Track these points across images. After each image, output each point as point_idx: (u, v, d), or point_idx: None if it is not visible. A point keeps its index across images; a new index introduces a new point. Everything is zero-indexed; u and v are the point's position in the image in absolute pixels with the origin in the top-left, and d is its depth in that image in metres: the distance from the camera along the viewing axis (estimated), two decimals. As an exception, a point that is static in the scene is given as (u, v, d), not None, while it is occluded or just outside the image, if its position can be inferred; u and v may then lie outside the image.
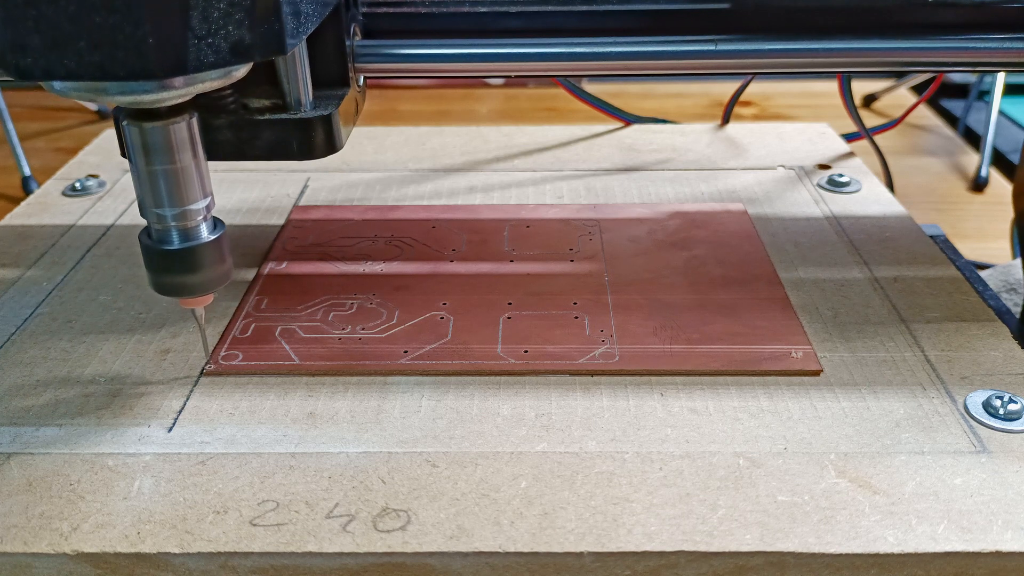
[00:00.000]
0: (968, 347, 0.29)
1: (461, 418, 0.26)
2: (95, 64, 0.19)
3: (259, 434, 0.26)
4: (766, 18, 0.30)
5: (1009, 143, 0.67)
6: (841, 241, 0.36)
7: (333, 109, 0.27)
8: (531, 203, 0.40)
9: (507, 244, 0.36)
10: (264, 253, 0.35)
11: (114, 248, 0.36)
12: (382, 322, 0.31)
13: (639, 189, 0.41)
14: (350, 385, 0.28)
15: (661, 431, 0.25)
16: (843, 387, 0.27)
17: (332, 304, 0.32)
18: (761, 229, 0.37)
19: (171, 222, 0.24)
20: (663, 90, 0.86)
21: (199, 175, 0.24)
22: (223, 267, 0.26)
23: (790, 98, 0.82)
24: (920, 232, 0.36)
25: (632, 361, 0.28)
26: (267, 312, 0.31)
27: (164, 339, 0.30)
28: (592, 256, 0.35)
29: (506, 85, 0.89)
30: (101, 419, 0.26)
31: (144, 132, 0.23)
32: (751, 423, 0.26)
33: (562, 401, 0.27)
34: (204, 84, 0.22)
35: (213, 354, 0.29)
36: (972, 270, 0.35)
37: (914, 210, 0.41)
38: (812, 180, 0.41)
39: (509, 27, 0.31)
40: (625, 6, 0.30)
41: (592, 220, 0.38)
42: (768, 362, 0.28)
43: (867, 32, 0.29)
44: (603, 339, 0.29)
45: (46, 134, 0.73)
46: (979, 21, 0.29)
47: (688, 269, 0.34)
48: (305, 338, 0.30)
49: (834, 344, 0.29)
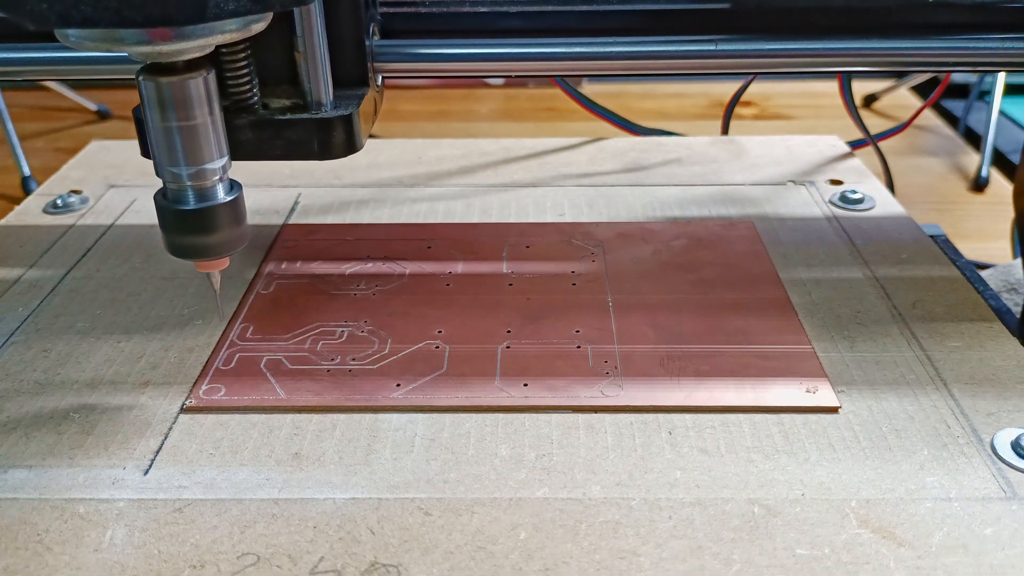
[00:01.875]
0: (995, 380, 0.27)
1: (456, 459, 0.24)
2: (112, 9, 0.19)
3: (240, 477, 0.24)
4: (766, 18, 0.30)
5: (1010, 143, 0.67)
6: (856, 264, 0.34)
7: (354, 109, 0.27)
8: (531, 220, 0.38)
9: (506, 265, 0.34)
10: (251, 275, 0.34)
11: (94, 271, 0.34)
12: (374, 352, 0.29)
13: (644, 204, 0.40)
14: (339, 422, 0.26)
15: (670, 474, 0.24)
16: (862, 425, 0.26)
17: (321, 332, 0.30)
18: (772, 249, 0.35)
19: (187, 181, 0.24)
20: (663, 90, 0.85)
21: (215, 134, 0.24)
22: (239, 229, 0.25)
23: (790, 98, 0.81)
24: (940, 254, 0.35)
25: (638, 395, 0.27)
26: (253, 341, 0.30)
27: (143, 371, 0.28)
28: (595, 279, 0.33)
29: (506, 85, 0.88)
30: (74, 459, 0.25)
31: (160, 87, 0.23)
32: (766, 465, 0.24)
33: (564, 440, 0.25)
34: (223, 35, 0.21)
35: (194, 388, 0.27)
36: (972, 270, 0.35)
37: (914, 210, 0.40)
38: (824, 196, 0.40)
39: (510, 27, 0.31)
40: (625, 6, 0.30)
41: (595, 239, 0.36)
42: (782, 398, 0.27)
43: (867, 32, 0.29)
44: (607, 370, 0.28)
45: (46, 134, 0.72)
46: (979, 21, 0.29)
47: (696, 292, 0.32)
48: (292, 370, 0.28)
49: (851, 376, 0.28)
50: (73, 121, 0.76)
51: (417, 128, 0.74)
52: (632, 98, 0.84)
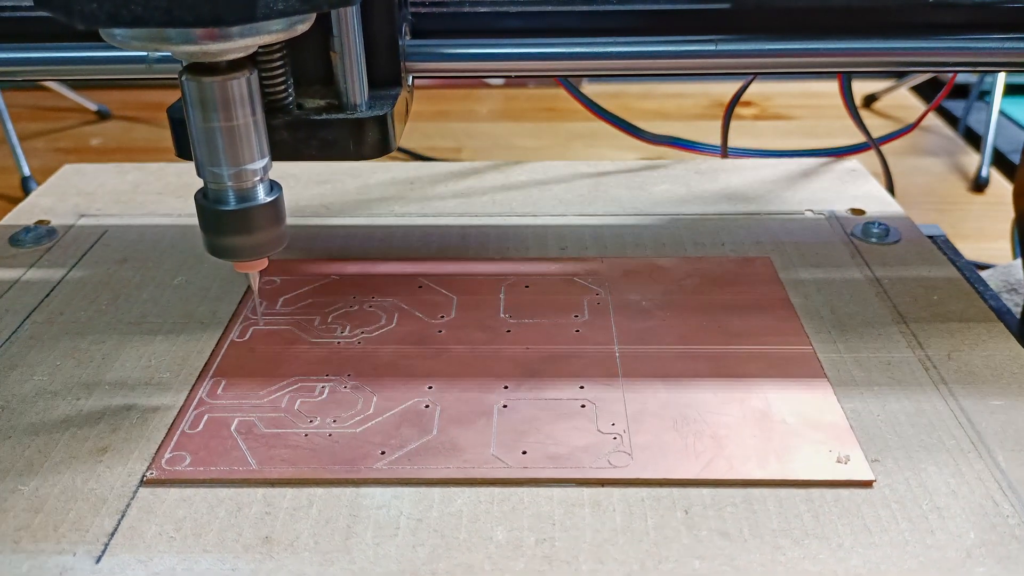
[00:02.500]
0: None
1: (447, 544, 0.22)
2: (162, 9, 0.19)
3: (203, 567, 0.21)
4: (766, 18, 0.30)
5: (1010, 143, 0.68)
6: (884, 306, 0.31)
7: (388, 109, 0.27)
8: (531, 256, 0.35)
9: (503, 309, 0.32)
10: (227, 317, 0.31)
11: (57, 314, 0.32)
12: (356, 412, 0.26)
13: (652, 236, 0.37)
14: (316, 497, 0.23)
15: (687, 564, 0.21)
16: (900, 502, 0.23)
17: (300, 388, 0.27)
18: (792, 289, 0.33)
19: (228, 181, 0.24)
20: (663, 90, 0.86)
21: (257, 134, 0.24)
22: (278, 230, 0.25)
23: (790, 98, 0.82)
24: (974, 295, 0.32)
25: (650, 465, 0.24)
26: (224, 398, 0.27)
27: (102, 434, 0.26)
28: (601, 325, 0.30)
29: (506, 85, 0.88)
30: (19, 543, 0.22)
31: (203, 87, 0.23)
32: (794, 553, 0.21)
33: (567, 521, 0.22)
34: (269, 36, 0.21)
35: (157, 456, 0.25)
36: (973, 270, 0.34)
37: (915, 210, 0.39)
38: (845, 228, 0.37)
39: (511, 26, 0.31)
40: (625, 6, 0.30)
41: (600, 277, 0.33)
42: (811, 469, 0.24)
43: (867, 32, 0.29)
44: (615, 434, 0.25)
45: (46, 134, 0.72)
46: (979, 21, 0.29)
47: (711, 341, 0.29)
48: (266, 434, 0.25)
49: (885, 440, 0.25)
50: (73, 121, 0.76)
51: (417, 128, 0.73)
52: (632, 98, 0.84)
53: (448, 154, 0.70)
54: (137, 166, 0.44)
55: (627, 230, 0.38)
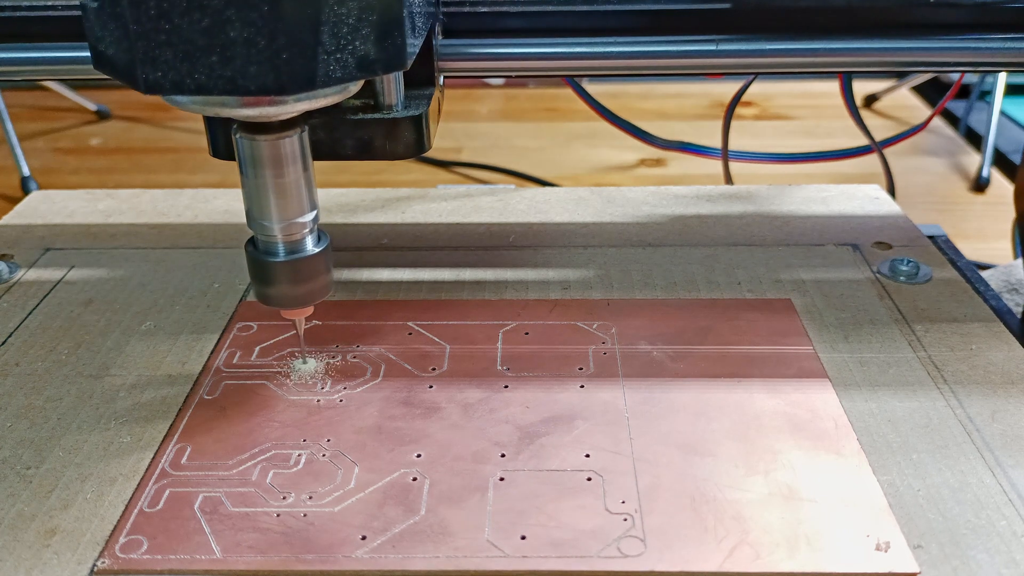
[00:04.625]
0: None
1: (434, 654, 0.19)
2: (226, 79, 0.19)
3: None
4: (766, 18, 0.30)
5: (1010, 143, 0.68)
6: (917, 357, 0.29)
7: (424, 109, 0.27)
8: (531, 297, 0.33)
9: (501, 360, 0.29)
10: (198, 370, 0.28)
11: (12, 365, 0.29)
12: (336, 487, 0.23)
13: (663, 273, 0.34)
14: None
15: None
16: (951, 601, 0.20)
17: (273, 456, 0.25)
18: (816, 336, 0.30)
19: (277, 234, 0.24)
20: (663, 90, 0.86)
21: (307, 188, 0.24)
22: (326, 279, 0.26)
23: (790, 98, 0.82)
24: (1016, 346, 0.29)
25: (665, 555, 0.21)
26: (188, 468, 0.24)
27: (52, 511, 0.23)
28: (608, 379, 0.28)
29: (506, 85, 0.88)
30: (-54, 649, 0.19)
31: (256, 145, 0.23)
32: (833, 667, 0.19)
33: (572, 624, 0.20)
34: (323, 100, 0.22)
35: (110, 540, 0.22)
36: (974, 270, 0.34)
37: (915, 210, 0.39)
38: (872, 264, 0.34)
39: (512, 26, 0.31)
40: (625, 6, 0.30)
41: (606, 323, 0.31)
42: (847, 560, 0.21)
43: (867, 32, 0.29)
44: (625, 515, 0.22)
45: (46, 134, 0.72)
46: (979, 21, 0.29)
47: (730, 397, 0.27)
48: (233, 514, 0.23)
49: (928, 522, 0.22)
50: (73, 121, 0.76)
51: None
52: (632, 98, 0.84)
53: (448, 154, 0.69)
54: (109, 193, 0.41)
55: (634, 265, 0.35)
